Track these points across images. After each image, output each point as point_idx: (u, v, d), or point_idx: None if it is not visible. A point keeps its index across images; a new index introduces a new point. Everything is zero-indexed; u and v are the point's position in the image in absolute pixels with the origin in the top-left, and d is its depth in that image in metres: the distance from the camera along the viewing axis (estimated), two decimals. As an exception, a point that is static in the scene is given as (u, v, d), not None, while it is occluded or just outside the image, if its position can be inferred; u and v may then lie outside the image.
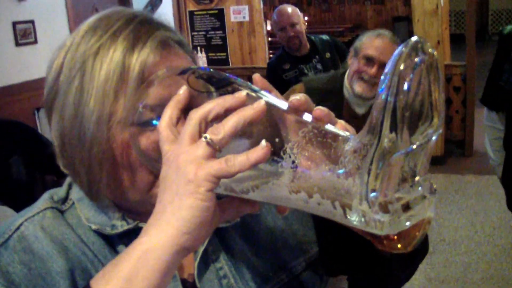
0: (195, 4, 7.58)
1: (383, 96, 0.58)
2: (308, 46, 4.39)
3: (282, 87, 3.93)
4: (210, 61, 7.69)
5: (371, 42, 2.82)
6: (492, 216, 4.97)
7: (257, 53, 7.42)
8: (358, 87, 2.82)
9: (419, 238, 0.64)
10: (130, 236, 0.88)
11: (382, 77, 0.59)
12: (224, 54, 7.62)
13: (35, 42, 5.52)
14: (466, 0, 6.31)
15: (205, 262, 0.93)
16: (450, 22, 7.38)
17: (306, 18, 4.83)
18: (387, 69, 0.59)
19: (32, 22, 5.50)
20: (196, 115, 0.68)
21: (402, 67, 0.57)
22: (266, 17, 7.38)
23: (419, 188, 0.63)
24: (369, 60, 2.79)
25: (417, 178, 0.63)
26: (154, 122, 0.79)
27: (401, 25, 18.10)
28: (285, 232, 1.03)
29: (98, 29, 0.85)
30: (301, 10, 4.64)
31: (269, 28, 7.22)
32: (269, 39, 7.99)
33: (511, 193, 2.73)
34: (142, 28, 0.85)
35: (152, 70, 0.82)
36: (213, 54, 7.70)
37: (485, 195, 5.33)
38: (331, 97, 2.89)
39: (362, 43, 2.85)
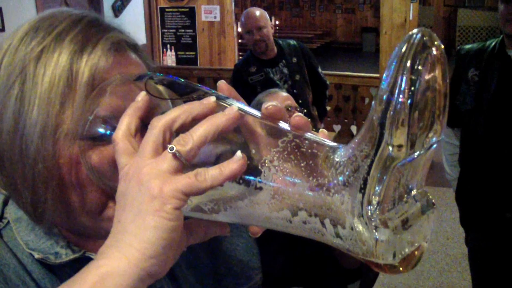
0: (166, 1, 7.57)
1: (385, 96, 0.51)
2: (275, 50, 4.38)
3: (247, 91, 3.93)
4: (179, 60, 7.69)
5: None
6: (446, 227, 5.14)
7: (226, 54, 7.44)
8: None
9: (418, 257, 0.58)
10: (75, 266, 0.78)
11: (385, 74, 0.51)
12: (193, 53, 7.62)
13: (3, 30, 5.46)
14: (434, 16, 6.42)
15: None
16: (417, 36, 7.49)
17: (277, 22, 4.85)
18: (389, 65, 0.51)
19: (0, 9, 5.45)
20: (159, 123, 0.59)
21: (408, 63, 0.50)
22: (237, 19, 7.41)
23: (417, 202, 0.57)
24: None
25: (413, 192, 0.57)
26: (107, 133, 0.70)
27: (368, 36, 18.39)
28: (230, 258, 0.95)
29: (39, 30, 0.75)
30: (273, 14, 4.66)
31: (239, 29, 7.28)
32: (239, 40, 8.01)
33: (465, 210, 2.81)
34: (92, 29, 0.76)
35: (103, 76, 0.73)
36: (182, 52, 7.69)
37: (440, 206, 5.45)
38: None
39: None
